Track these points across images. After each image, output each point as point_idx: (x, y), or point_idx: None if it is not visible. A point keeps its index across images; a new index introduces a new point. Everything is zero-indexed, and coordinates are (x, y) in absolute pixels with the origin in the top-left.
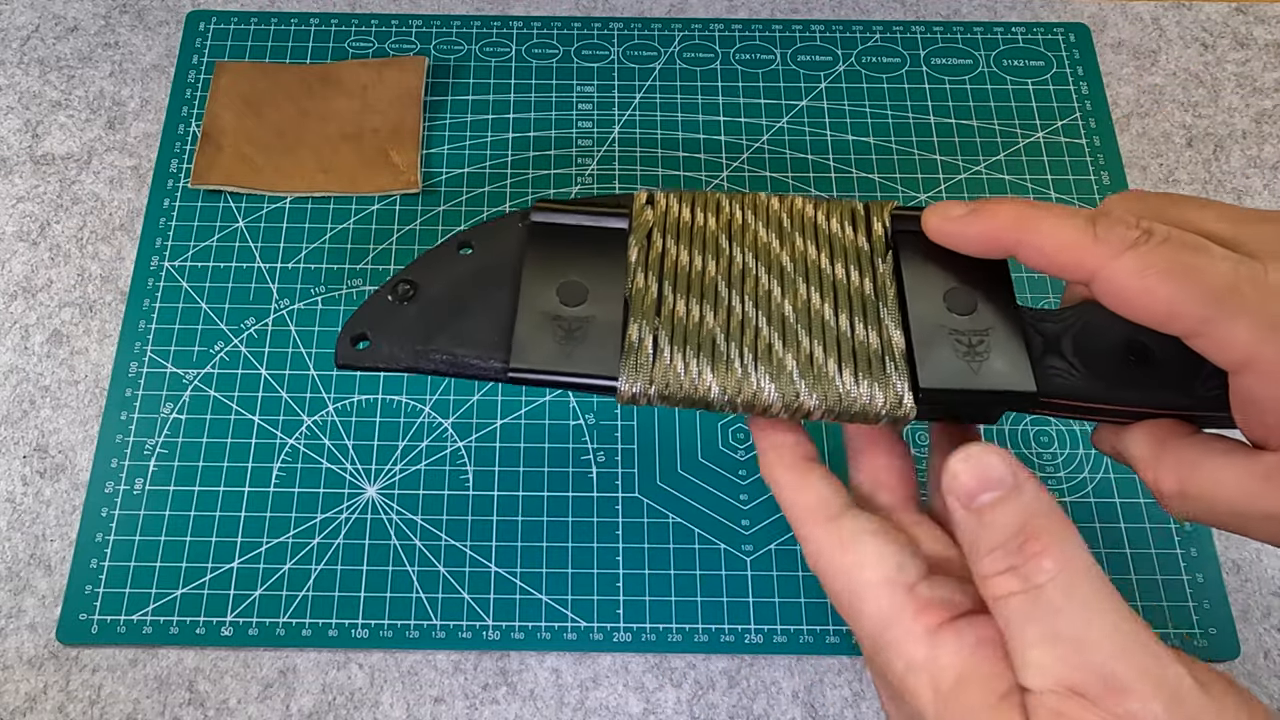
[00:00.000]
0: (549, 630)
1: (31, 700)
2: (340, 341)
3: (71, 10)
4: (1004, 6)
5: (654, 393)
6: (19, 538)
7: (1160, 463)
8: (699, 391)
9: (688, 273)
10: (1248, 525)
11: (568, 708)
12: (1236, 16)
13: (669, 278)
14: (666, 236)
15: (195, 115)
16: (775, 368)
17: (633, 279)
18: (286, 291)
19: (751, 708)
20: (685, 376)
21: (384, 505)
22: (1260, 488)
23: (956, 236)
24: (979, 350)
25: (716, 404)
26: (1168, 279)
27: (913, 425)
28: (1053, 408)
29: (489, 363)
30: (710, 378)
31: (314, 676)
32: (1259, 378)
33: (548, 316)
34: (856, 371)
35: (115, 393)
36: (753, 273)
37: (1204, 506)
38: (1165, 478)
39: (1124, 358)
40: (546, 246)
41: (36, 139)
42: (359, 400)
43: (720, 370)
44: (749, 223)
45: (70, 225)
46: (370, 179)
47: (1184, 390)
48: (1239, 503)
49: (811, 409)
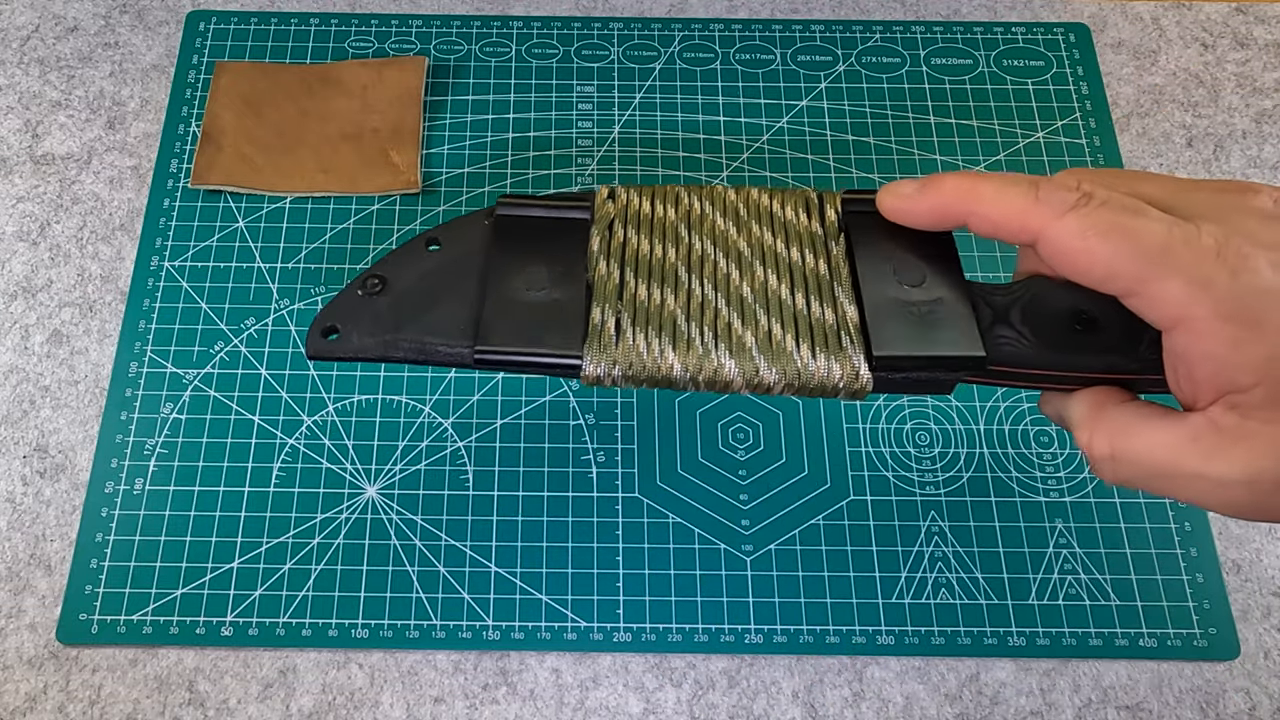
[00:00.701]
0: (549, 630)
1: (31, 700)
2: (311, 334)
3: (71, 10)
4: (1004, 6)
5: (618, 373)
6: (19, 538)
7: (1096, 426)
8: (661, 370)
9: (648, 259)
10: (1176, 486)
11: (568, 708)
12: (1236, 16)
13: (630, 264)
14: (628, 227)
15: (195, 115)
16: (735, 345)
17: (595, 266)
18: (286, 291)
19: (751, 708)
20: (648, 356)
21: (384, 505)
22: (1187, 448)
23: (909, 213)
24: (929, 319)
25: (679, 382)
26: (1106, 239)
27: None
28: (1003, 375)
29: (456, 348)
30: (672, 356)
31: (314, 676)
32: (1189, 335)
33: (513, 303)
34: (814, 346)
35: (115, 393)
36: (711, 258)
37: (1135, 469)
38: (1099, 441)
39: (1070, 326)
40: (511, 238)
41: (36, 139)
42: (359, 400)
43: (681, 349)
44: (707, 213)
45: (70, 225)
46: (370, 179)
47: (1128, 355)
48: (1166, 464)
49: (771, 384)
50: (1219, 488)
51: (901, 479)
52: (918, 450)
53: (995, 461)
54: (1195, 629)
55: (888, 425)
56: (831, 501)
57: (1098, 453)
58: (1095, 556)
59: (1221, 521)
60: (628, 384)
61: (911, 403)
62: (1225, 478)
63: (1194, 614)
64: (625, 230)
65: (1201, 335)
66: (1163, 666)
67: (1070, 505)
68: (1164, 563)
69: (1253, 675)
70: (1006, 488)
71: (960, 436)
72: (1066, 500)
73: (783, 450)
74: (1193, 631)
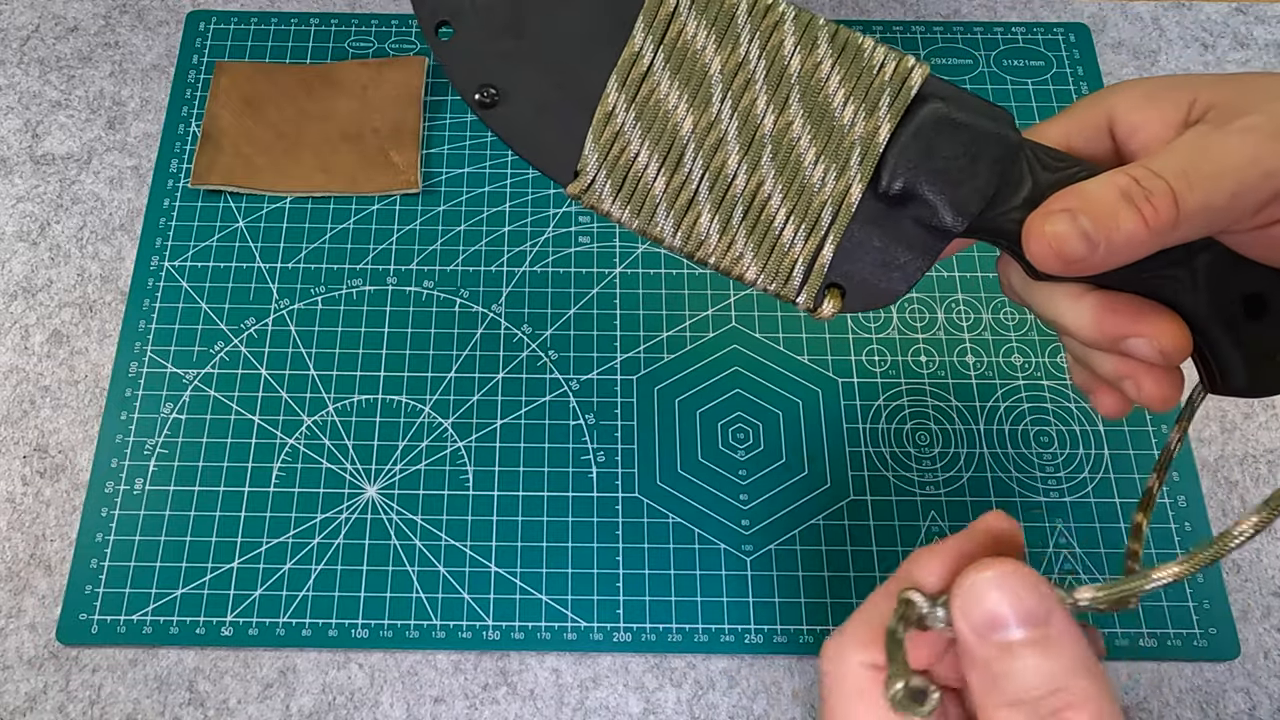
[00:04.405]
0: (549, 630)
1: (31, 700)
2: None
3: (71, 10)
4: (1004, 6)
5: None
6: (19, 538)
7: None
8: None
9: (685, 52)
10: (1248, 194)
11: (568, 708)
12: (1236, 16)
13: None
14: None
15: (195, 115)
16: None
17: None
18: (286, 291)
19: (751, 708)
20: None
21: (384, 505)
22: (1269, 147)
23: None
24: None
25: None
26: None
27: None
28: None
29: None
30: (662, 201)
31: (314, 676)
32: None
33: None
34: (797, 230)
35: (115, 393)
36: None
37: (1213, 185)
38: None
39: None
40: None
41: (36, 139)
42: (359, 400)
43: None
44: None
45: (70, 225)
46: (370, 179)
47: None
48: (1245, 169)
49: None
50: None
51: (901, 479)
52: (918, 450)
53: (995, 461)
54: (1195, 629)
55: (888, 425)
56: (831, 501)
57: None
58: (1095, 556)
59: (1222, 523)
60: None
61: (911, 403)
62: None
63: (1194, 614)
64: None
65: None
66: (1163, 666)
67: (1070, 505)
68: (1164, 563)
69: (1253, 675)
70: (1006, 488)
71: (960, 436)
72: (1066, 500)
73: (783, 450)
74: (1193, 631)
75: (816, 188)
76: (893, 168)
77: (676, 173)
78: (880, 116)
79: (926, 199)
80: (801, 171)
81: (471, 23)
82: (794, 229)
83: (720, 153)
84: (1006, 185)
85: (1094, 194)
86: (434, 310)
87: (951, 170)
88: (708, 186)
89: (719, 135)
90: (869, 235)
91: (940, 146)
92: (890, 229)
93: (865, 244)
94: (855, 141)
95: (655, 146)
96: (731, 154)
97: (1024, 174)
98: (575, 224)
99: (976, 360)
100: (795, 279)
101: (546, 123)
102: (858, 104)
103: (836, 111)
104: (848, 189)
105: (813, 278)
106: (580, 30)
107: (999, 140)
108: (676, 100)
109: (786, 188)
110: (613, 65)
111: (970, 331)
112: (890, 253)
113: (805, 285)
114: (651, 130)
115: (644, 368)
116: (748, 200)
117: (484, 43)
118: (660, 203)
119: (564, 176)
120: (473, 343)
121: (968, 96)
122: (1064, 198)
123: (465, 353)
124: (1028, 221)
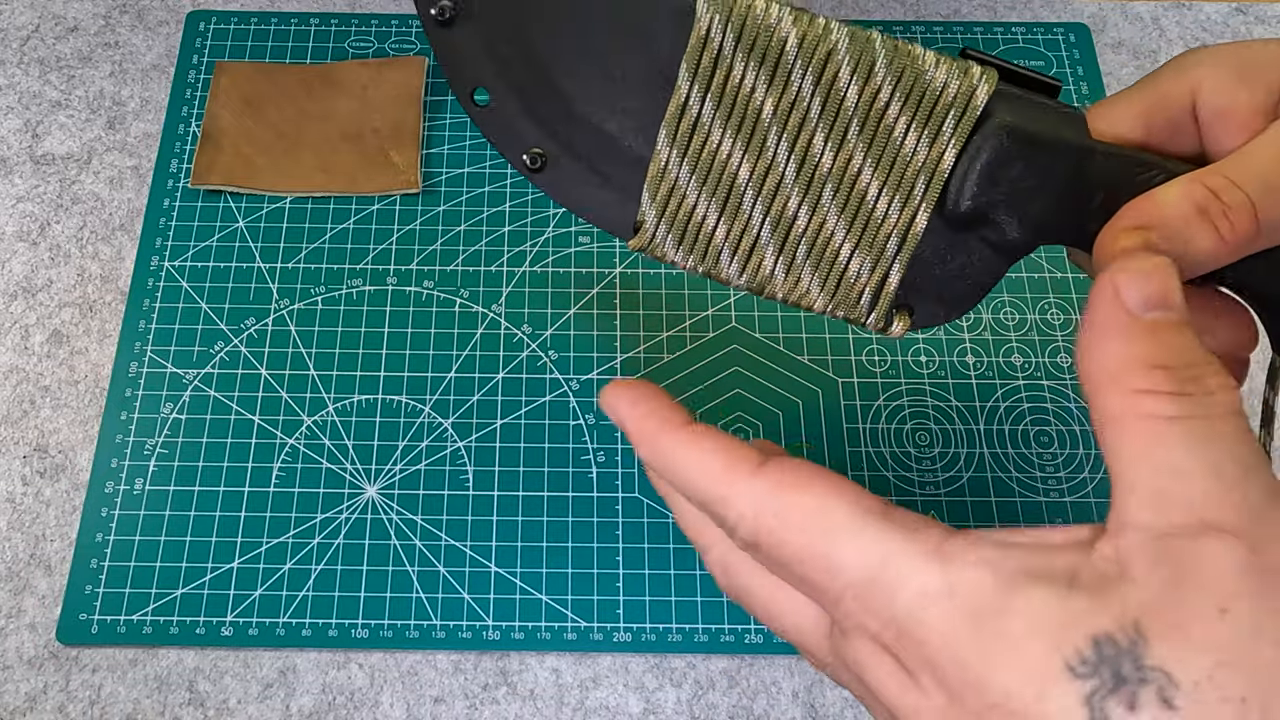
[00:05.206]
0: (549, 630)
1: (31, 700)
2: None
3: (71, 10)
4: (1004, 6)
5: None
6: (19, 538)
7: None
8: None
9: (736, 93)
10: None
11: (568, 708)
12: (1236, 16)
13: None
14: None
15: (195, 115)
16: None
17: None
18: (286, 291)
19: (751, 708)
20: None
21: (384, 505)
22: None
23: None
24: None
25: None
26: None
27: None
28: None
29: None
30: (724, 241)
31: (314, 676)
32: None
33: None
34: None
35: (115, 393)
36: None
37: (1260, 184)
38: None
39: None
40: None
41: (36, 139)
42: (359, 400)
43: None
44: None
45: (70, 225)
46: (370, 179)
47: None
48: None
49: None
50: None
51: (901, 479)
52: (918, 450)
53: (995, 461)
54: None
55: (888, 425)
56: None
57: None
58: None
59: None
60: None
61: (911, 403)
62: None
63: None
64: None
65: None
66: None
67: (1070, 505)
68: None
69: None
70: (1006, 488)
71: (960, 436)
72: (1066, 500)
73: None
74: None
75: (880, 220)
76: (958, 191)
77: (737, 219)
78: (944, 141)
79: (994, 220)
80: (864, 205)
81: (505, 91)
82: (859, 262)
83: (780, 195)
84: (1077, 195)
85: (1168, 207)
86: (434, 310)
87: (1019, 188)
88: (769, 229)
89: (777, 178)
90: (936, 256)
91: (1008, 164)
92: (957, 248)
93: (932, 265)
94: (919, 169)
95: (713, 196)
96: (792, 195)
97: (1096, 182)
98: (575, 224)
99: (976, 360)
100: (863, 305)
101: (598, 183)
102: (920, 130)
103: (898, 140)
104: (913, 218)
105: (881, 302)
106: (621, 85)
107: (1069, 150)
108: (730, 148)
109: (850, 223)
110: (660, 117)
111: (970, 331)
112: (958, 270)
113: (874, 310)
114: (708, 181)
115: (644, 368)
116: (811, 239)
117: (522, 110)
118: (723, 249)
119: (623, 232)
120: (473, 343)
121: (1036, 101)
122: (1137, 211)
123: (465, 353)
124: (1099, 237)
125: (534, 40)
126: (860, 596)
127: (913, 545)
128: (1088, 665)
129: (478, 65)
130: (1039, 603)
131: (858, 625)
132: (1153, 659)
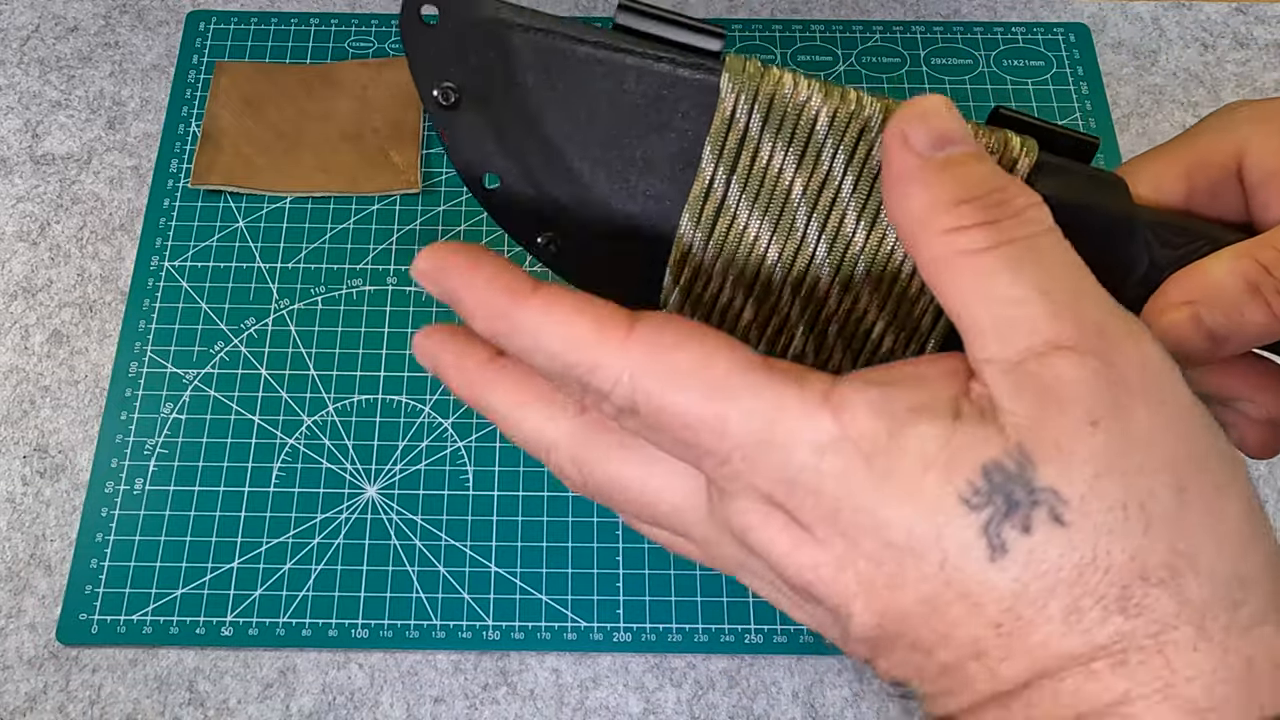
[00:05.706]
0: (549, 630)
1: (31, 700)
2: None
3: (71, 10)
4: (1004, 6)
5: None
6: (19, 538)
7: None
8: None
9: (762, 174)
10: None
11: (568, 708)
12: (1236, 16)
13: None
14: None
15: (195, 115)
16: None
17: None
18: (286, 291)
19: (751, 708)
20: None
21: (384, 505)
22: None
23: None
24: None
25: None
26: None
27: None
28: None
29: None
30: (750, 317)
31: (314, 676)
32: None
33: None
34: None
35: (115, 393)
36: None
37: None
38: None
39: None
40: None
41: (36, 139)
42: (359, 400)
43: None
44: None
45: (70, 225)
46: (370, 179)
47: None
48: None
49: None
50: None
51: None
52: None
53: None
54: None
55: None
56: None
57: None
58: None
59: None
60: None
61: None
62: None
63: None
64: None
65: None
66: None
67: None
68: None
69: None
70: None
71: None
72: None
73: None
74: None
75: (916, 296)
76: None
77: (765, 301)
78: None
79: None
80: (899, 283)
81: (516, 176)
82: (893, 339)
83: (810, 276)
84: (1119, 266)
85: (1217, 283)
86: (434, 310)
87: None
88: (799, 309)
89: (807, 259)
90: None
91: None
92: None
93: None
94: None
95: (739, 280)
96: (823, 276)
97: (1140, 252)
98: None
99: None
100: None
101: (619, 265)
102: None
103: None
104: None
105: None
106: (638, 167)
107: (1111, 221)
108: (757, 230)
109: (884, 300)
110: (682, 199)
111: None
112: None
113: None
114: (733, 265)
115: None
116: (843, 317)
117: (535, 196)
118: (751, 329)
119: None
120: None
121: (1077, 170)
122: (1185, 285)
123: None
124: (1145, 311)
125: (546, 124)
126: (749, 456)
127: (800, 397)
128: (980, 495)
129: (486, 150)
130: (929, 438)
131: (746, 486)
132: (1042, 479)
